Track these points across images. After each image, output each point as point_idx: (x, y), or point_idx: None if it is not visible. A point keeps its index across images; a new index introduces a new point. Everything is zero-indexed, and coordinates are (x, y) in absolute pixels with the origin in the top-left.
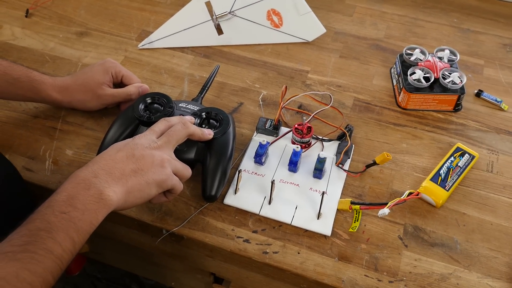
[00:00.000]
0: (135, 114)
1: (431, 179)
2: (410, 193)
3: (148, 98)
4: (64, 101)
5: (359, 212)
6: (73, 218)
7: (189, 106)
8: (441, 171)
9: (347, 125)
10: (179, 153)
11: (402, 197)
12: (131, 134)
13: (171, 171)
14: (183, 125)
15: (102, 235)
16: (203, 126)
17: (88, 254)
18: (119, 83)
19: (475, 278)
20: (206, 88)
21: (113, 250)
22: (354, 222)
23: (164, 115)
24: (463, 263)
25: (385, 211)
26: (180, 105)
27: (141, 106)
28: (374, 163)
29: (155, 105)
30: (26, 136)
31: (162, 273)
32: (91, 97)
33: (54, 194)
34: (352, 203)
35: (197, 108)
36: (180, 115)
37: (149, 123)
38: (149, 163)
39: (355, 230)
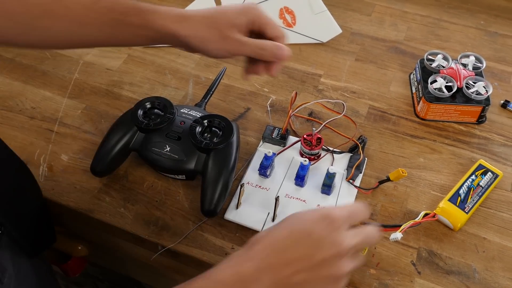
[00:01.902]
0: (133, 120)
1: (449, 200)
2: (426, 214)
3: (147, 103)
4: (181, 35)
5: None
6: None
7: (191, 112)
8: (461, 191)
9: (360, 136)
10: (178, 163)
11: (417, 219)
12: (129, 142)
13: (346, 280)
14: (377, 230)
15: (99, 243)
16: (205, 134)
17: (89, 257)
18: (257, 35)
19: None
20: (211, 93)
21: (113, 256)
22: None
23: (164, 121)
24: None
25: (397, 235)
26: (182, 110)
27: (140, 112)
28: (388, 179)
29: (155, 110)
30: (21, 138)
31: (163, 282)
32: (215, 36)
33: (206, 278)
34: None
35: (200, 114)
36: (181, 121)
37: (148, 130)
38: (323, 275)
39: (364, 253)
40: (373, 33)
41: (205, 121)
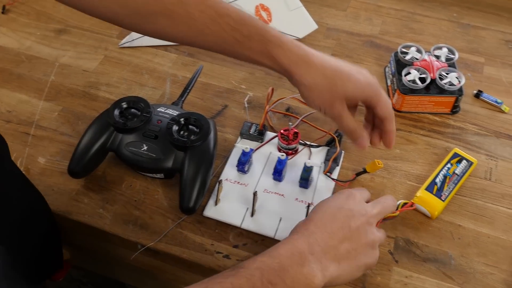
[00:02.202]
0: (110, 120)
1: (426, 188)
2: (404, 204)
3: (123, 103)
4: (297, 80)
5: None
6: None
7: (168, 111)
8: (437, 179)
9: (337, 129)
10: (156, 162)
11: (393, 213)
12: (106, 142)
13: (378, 252)
14: (394, 200)
15: (81, 246)
16: (182, 132)
17: (72, 261)
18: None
19: None
20: (188, 91)
21: (95, 258)
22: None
23: (141, 121)
24: (457, 280)
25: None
26: (158, 109)
27: (116, 112)
28: (364, 171)
29: (132, 110)
30: None
31: (147, 283)
32: (324, 98)
33: (265, 255)
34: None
35: (177, 113)
36: (158, 120)
37: (124, 130)
38: (363, 242)
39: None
40: (349, 28)
41: (182, 119)
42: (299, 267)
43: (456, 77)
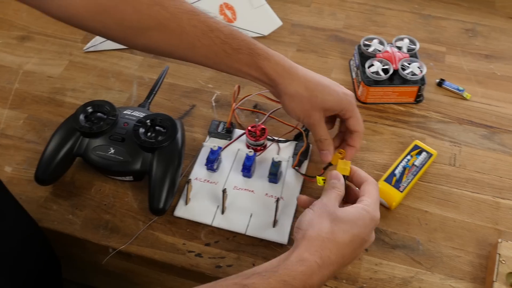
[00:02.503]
0: (76, 125)
1: (385, 180)
2: None
3: (89, 107)
4: (280, 89)
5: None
6: None
7: (134, 113)
8: (396, 171)
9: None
10: (123, 164)
11: None
12: (73, 147)
13: None
14: None
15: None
16: (149, 134)
17: None
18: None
19: (438, 280)
20: (154, 92)
21: (69, 265)
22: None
23: (107, 124)
24: (425, 264)
25: None
26: (124, 112)
27: (82, 117)
28: (330, 164)
29: (98, 114)
30: None
31: (123, 286)
32: (305, 108)
33: (283, 284)
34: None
35: (143, 114)
36: (125, 123)
37: (90, 134)
38: (359, 253)
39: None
40: (313, 23)
41: (148, 120)
42: (309, 278)
43: (418, 67)
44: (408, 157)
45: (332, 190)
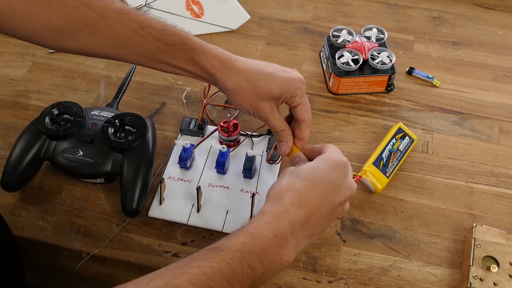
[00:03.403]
0: (42, 128)
1: (374, 163)
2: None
3: (54, 109)
4: (222, 84)
5: None
6: (254, 274)
7: (102, 113)
8: (383, 155)
9: None
10: (93, 166)
11: None
12: (39, 151)
13: None
14: None
15: (28, 262)
16: (118, 134)
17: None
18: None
19: (416, 267)
20: (122, 91)
21: (44, 273)
22: None
23: (74, 126)
24: (403, 252)
25: None
26: (92, 113)
27: (47, 119)
28: None
29: (64, 115)
30: None
31: None
32: (250, 100)
33: (250, 236)
34: None
35: (111, 114)
36: (92, 124)
37: (58, 137)
38: (337, 215)
39: None
40: (282, 16)
41: (117, 120)
42: (277, 249)
43: (387, 56)
44: (393, 140)
45: (293, 162)
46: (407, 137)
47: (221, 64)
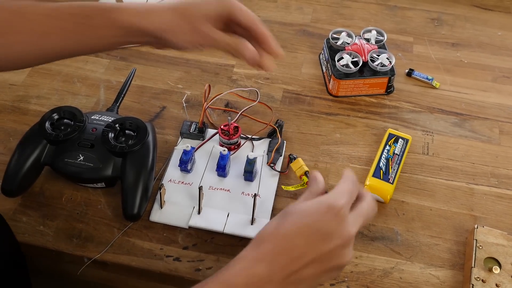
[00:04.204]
0: (42, 133)
1: (373, 175)
2: None
3: (54, 114)
4: (149, 28)
5: (304, 185)
6: None
7: (103, 118)
8: (381, 164)
9: (277, 120)
10: (94, 171)
11: None
12: (40, 156)
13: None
14: (375, 203)
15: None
16: (119, 138)
17: None
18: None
19: (418, 269)
20: (122, 96)
21: (45, 278)
22: (292, 187)
23: (74, 130)
24: (405, 254)
25: None
26: (92, 117)
27: (47, 124)
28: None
29: (64, 120)
30: None
31: None
32: (185, 28)
33: (223, 284)
34: (306, 173)
35: (112, 118)
36: (93, 128)
37: (58, 142)
38: (332, 266)
39: (287, 189)
40: (281, 18)
41: (117, 124)
42: None
43: (387, 58)
44: (387, 147)
45: (306, 190)
46: (400, 140)
47: (145, 10)
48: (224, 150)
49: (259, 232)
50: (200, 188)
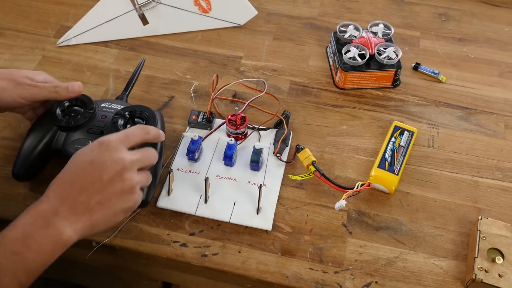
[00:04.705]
0: (53, 119)
1: (379, 166)
2: (362, 185)
3: (65, 101)
4: None
5: (310, 174)
6: (25, 259)
7: (112, 106)
8: (386, 155)
9: (284, 111)
10: None
11: (355, 189)
12: (50, 142)
13: (139, 194)
14: (155, 151)
15: None
16: (128, 126)
17: None
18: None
19: (421, 259)
20: (132, 85)
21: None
22: (299, 176)
23: (85, 117)
24: (409, 244)
25: (342, 203)
26: (102, 105)
27: (58, 111)
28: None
29: (75, 107)
30: None
31: (109, 283)
32: (9, 85)
33: (8, 228)
34: (313, 163)
35: (121, 107)
36: (103, 116)
37: (68, 128)
38: (116, 190)
39: (294, 178)
40: (288, 11)
41: (127, 112)
42: (44, 230)
43: (394, 51)
44: (393, 139)
45: None
46: (405, 132)
47: None
48: (231, 139)
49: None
50: (206, 179)
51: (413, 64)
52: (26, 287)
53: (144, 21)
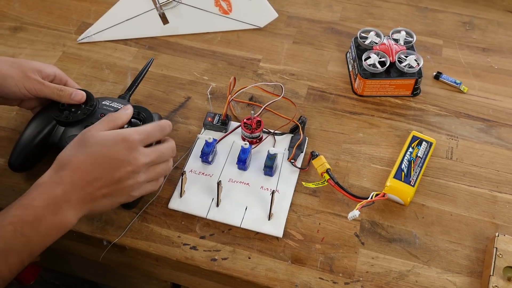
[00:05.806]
0: (52, 113)
1: (395, 177)
2: (376, 195)
3: None
4: None
5: (324, 182)
6: (31, 242)
7: (113, 104)
8: (403, 166)
9: (300, 116)
10: None
11: (369, 199)
12: (48, 135)
13: (140, 191)
14: (173, 144)
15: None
16: (125, 126)
17: (41, 263)
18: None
19: (435, 274)
20: (136, 84)
21: (65, 259)
22: (313, 183)
23: (84, 113)
24: (422, 258)
25: (355, 213)
26: (103, 102)
27: (59, 105)
28: (317, 155)
29: None
30: None
31: (119, 280)
32: (17, 74)
33: (21, 205)
34: (327, 171)
35: (121, 106)
36: (101, 113)
37: (67, 123)
38: (123, 189)
39: (307, 186)
40: (309, 15)
41: None
42: (53, 216)
43: (415, 60)
44: (410, 149)
45: (101, 119)
46: (424, 142)
47: None
48: (246, 143)
49: (58, 158)
50: (219, 183)
51: (435, 73)
52: (26, 265)
53: (164, 20)
